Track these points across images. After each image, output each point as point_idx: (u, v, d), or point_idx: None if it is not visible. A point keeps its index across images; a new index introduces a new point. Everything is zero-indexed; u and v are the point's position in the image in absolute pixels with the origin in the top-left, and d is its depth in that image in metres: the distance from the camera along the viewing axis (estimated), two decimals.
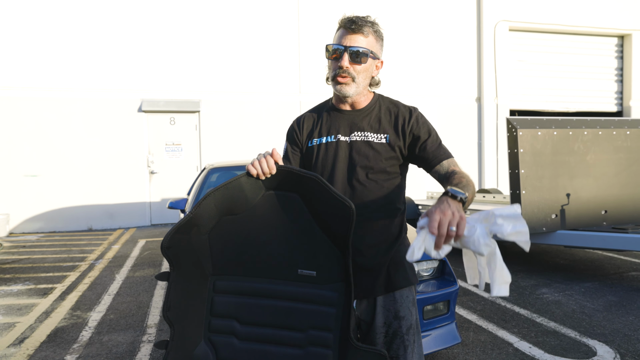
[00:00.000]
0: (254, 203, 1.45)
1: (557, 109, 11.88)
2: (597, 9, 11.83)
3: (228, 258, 1.49)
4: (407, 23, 10.66)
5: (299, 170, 1.42)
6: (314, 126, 1.66)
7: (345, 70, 1.53)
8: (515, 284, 4.84)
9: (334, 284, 1.44)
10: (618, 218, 5.12)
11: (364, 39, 1.53)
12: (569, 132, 4.90)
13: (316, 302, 1.44)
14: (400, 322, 1.56)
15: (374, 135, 1.57)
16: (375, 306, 1.57)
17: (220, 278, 1.50)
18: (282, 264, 1.46)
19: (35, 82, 8.76)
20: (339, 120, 1.62)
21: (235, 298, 1.49)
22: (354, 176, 1.56)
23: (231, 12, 9.63)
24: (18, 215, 8.73)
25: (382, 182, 1.57)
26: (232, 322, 1.48)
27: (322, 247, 1.44)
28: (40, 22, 8.73)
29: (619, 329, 3.56)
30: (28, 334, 3.71)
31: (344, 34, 1.54)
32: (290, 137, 1.70)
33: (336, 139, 1.60)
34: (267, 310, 1.46)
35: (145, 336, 3.61)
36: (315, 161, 1.61)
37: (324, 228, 1.43)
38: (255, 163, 1.41)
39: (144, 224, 9.38)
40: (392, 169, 1.58)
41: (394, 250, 1.59)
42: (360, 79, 1.55)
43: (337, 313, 1.42)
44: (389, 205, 1.59)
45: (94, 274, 5.59)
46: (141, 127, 9.29)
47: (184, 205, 4.61)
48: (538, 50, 11.70)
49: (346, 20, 1.54)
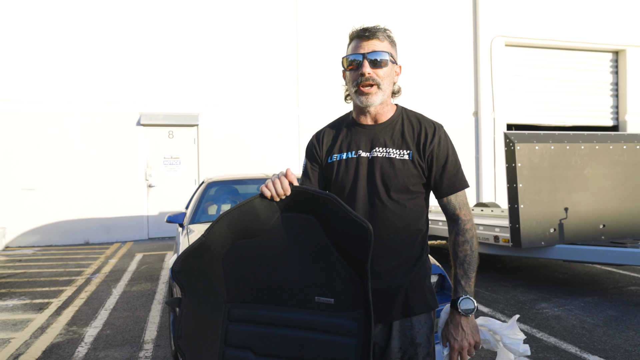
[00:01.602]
0: (268, 226, 1.39)
1: (553, 123, 11.97)
2: (592, 25, 12.00)
3: (243, 284, 1.43)
4: (404, 38, 10.77)
5: (313, 190, 1.36)
6: (334, 141, 1.58)
7: (369, 78, 1.46)
8: (514, 298, 4.82)
9: (353, 312, 1.36)
10: (616, 232, 5.12)
11: (380, 43, 1.48)
12: (566, 146, 4.93)
13: (335, 332, 1.36)
14: (416, 349, 1.48)
15: (396, 151, 1.50)
16: (391, 330, 1.49)
17: (236, 305, 1.43)
18: (298, 291, 1.40)
19: (33, 96, 8.79)
20: (360, 135, 1.55)
21: (250, 327, 1.42)
22: (375, 194, 1.48)
23: (230, 26, 9.73)
24: (14, 229, 8.67)
25: (404, 202, 1.49)
26: (246, 352, 1.41)
27: (340, 272, 1.37)
28: (39, 36, 8.80)
29: (619, 345, 3.54)
30: (23, 350, 3.67)
31: (359, 42, 1.49)
32: (309, 154, 1.63)
33: (357, 155, 1.52)
34: (283, 340, 1.39)
35: (142, 352, 3.57)
36: (335, 178, 1.54)
37: (342, 251, 1.36)
38: (269, 184, 1.35)
39: (141, 238, 9.33)
40: (415, 188, 1.51)
41: (413, 273, 1.51)
42: (385, 85, 1.49)
43: (357, 344, 1.34)
44: (411, 227, 1.51)
45: (91, 288, 5.55)
46: (139, 140, 9.30)
47: (182, 219, 4.59)
48: (534, 65, 11.83)
49: (358, 30, 1.50)
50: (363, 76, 1.46)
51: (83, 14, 9.00)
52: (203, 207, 4.74)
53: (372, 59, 1.46)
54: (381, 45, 1.48)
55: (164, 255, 7.61)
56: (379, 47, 1.47)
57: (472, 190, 11.28)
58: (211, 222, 1.47)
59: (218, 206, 4.91)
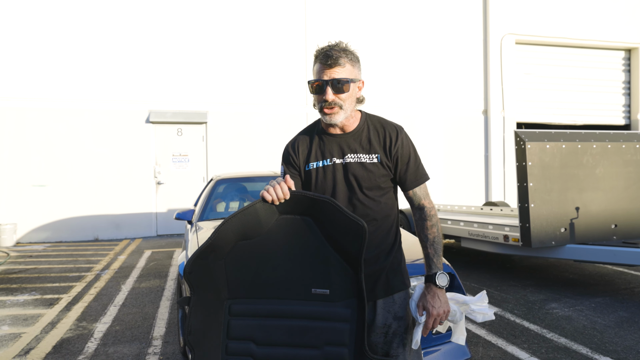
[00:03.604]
0: (268, 227, 1.53)
1: (564, 122, 11.85)
2: (604, 23, 11.85)
3: (243, 281, 1.55)
4: (414, 37, 10.72)
5: (312, 194, 1.51)
6: (309, 150, 1.76)
7: (331, 103, 1.63)
8: (524, 298, 4.78)
9: (346, 300, 1.51)
10: (628, 232, 5.06)
11: (341, 69, 1.62)
12: (578, 145, 4.87)
13: (330, 319, 1.51)
14: (399, 322, 1.70)
15: (366, 156, 1.70)
16: (375, 308, 1.69)
17: (235, 301, 1.55)
18: (296, 285, 1.53)
19: (43, 93, 8.87)
20: (331, 143, 1.73)
21: (251, 320, 1.54)
22: (353, 195, 1.68)
23: (239, 24, 9.73)
24: (25, 225, 8.77)
25: (378, 198, 1.71)
26: (248, 344, 1.53)
27: (335, 266, 1.52)
28: (49, 33, 8.87)
29: (631, 346, 3.50)
30: (34, 344, 3.70)
31: (322, 69, 1.63)
32: (286, 161, 1.79)
33: (332, 162, 1.71)
34: (282, 330, 1.52)
35: (151, 348, 3.58)
36: (315, 184, 1.72)
37: (336, 247, 1.51)
38: (270, 190, 1.49)
39: (150, 235, 9.39)
40: (385, 184, 1.72)
41: (392, 257, 1.73)
42: (347, 105, 1.66)
43: (352, 328, 1.49)
44: (386, 218, 1.73)
45: (100, 284, 5.59)
46: (148, 138, 9.35)
47: (190, 216, 4.60)
48: (544, 64, 11.72)
49: (321, 57, 1.63)
50: (326, 102, 1.63)
51: (93, 12, 9.05)
52: (211, 205, 4.75)
53: (335, 84, 1.62)
54: (342, 70, 1.63)
55: (172, 252, 7.65)
56: (340, 73, 1.62)
57: (480, 189, 11.21)
58: (218, 223, 1.59)
59: (226, 203, 4.92)
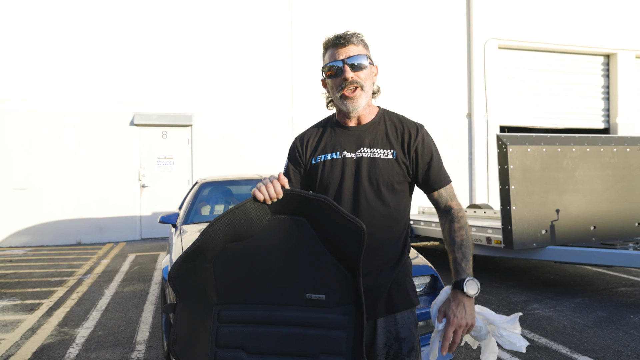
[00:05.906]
0: (259, 228, 1.41)
1: (545, 126, 12.06)
2: (584, 29, 12.11)
3: (233, 286, 1.44)
4: (398, 40, 10.81)
5: (307, 193, 1.39)
6: (318, 143, 1.63)
7: (352, 81, 1.51)
8: (506, 299, 4.85)
9: (344, 306, 1.40)
10: (607, 234, 5.17)
11: (356, 48, 1.54)
12: (558, 148, 4.98)
13: (326, 326, 1.40)
14: (401, 344, 1.54)
15: (381, 151, 1.55)
16: (376, 327, 1.54)
17: (225, 307, 1.44)
18: (289, 290, 1.42)
19: (25, 95, 8.72)
20: (345, 136, 1.59)
21: (241, 327, 1.43)
22: (362, 194, 1.53)
23: (224, 27, 9.71)
24: (5, 229, 8.60)
25: (389, 201, 1.54)
26: (239, 352, 1.42)
27: (331, 270, 1.41)
28: (31, 34, 8.73)
29: (609, 345, 3.58)
30: (13, 351, 3.64)
31: (335, 50, 1.54)
32: (292, 156, 1.67)
33: (342, 156, 1.56)
34: (275, 337, 1.41)
35: (134, 353, 3.55)
36: (320, 178, 1.58)
37: (333, 250, 1.40)
38: (261, 188, 1.35)
39: (134, 238, 9.29)
40: (399, 187, 1.56)
41: (397, 271, 1.55)
42: (367, 86, 1.55)
43: (349, 336, 1.38)
44: (395, 223, 1.56)
45: (83, 289, 5.51)
46: (133, 140, 9.26)
47: (175, 219, 4.58)
48: (527, 68, 11.92)
49: (333, 38, 1.55)
50: (346, 80, 1.51)
51: (77, 13, 8.95)
52: (196, 208, 4.73)
53: (351, 63, 1.52)
54: (357, 49, 1.54)
55: (156, 255, 7.58)
56: (355, 51, 1.53)
57: (464, 191, 11.33)
58: (205, 226, 1.48)
59: (211, 207, 4.90)
